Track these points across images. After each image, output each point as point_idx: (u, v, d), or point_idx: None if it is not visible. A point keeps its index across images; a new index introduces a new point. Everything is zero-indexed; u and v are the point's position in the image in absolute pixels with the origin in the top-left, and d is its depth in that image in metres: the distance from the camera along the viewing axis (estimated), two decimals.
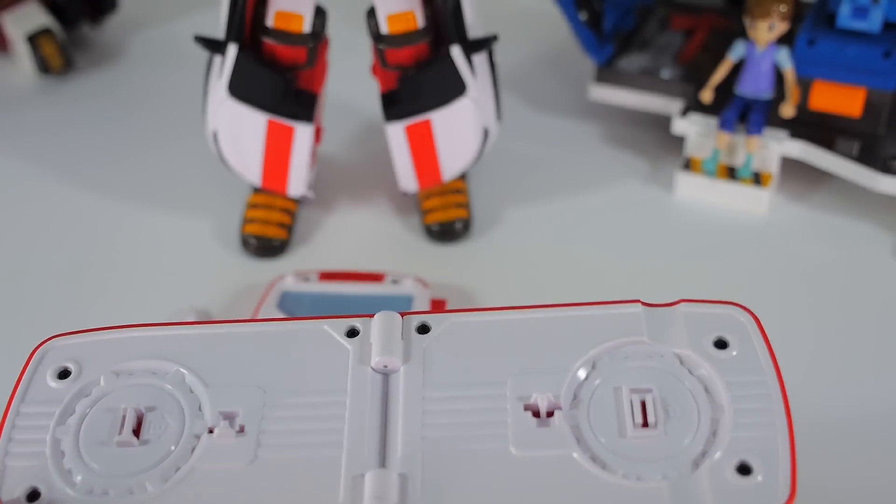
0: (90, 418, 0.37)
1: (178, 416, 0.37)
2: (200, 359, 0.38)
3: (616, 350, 0.38)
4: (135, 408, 0.37)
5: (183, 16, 0.90)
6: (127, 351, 0.39)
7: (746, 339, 0.38)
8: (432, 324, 0.39)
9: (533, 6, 0.87)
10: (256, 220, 0.62)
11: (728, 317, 0.38)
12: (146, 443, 0.36)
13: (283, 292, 0.56)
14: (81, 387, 0.38)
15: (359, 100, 0.74)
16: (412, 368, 0.37)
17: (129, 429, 0.36)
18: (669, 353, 0.37)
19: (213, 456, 0.36)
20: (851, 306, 0.57)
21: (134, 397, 0.38)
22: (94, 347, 0.39)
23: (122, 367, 0.38)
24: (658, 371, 0.37)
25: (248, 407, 0.37)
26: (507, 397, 0.36)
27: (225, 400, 0.37)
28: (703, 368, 0.37)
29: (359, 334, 0.38)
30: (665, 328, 0.38)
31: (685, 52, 0.72)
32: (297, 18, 0.56)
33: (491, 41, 0.59)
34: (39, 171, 0.70)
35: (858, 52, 0.61)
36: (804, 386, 0.52)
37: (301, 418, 0.36)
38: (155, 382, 0.38)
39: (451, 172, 0.62)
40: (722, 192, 0.64)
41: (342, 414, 0.36)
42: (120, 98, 0.79)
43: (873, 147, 0.62)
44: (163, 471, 0.36)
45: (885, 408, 0.51)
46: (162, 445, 0.36)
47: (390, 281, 0.57)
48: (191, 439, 0.36)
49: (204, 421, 0.37)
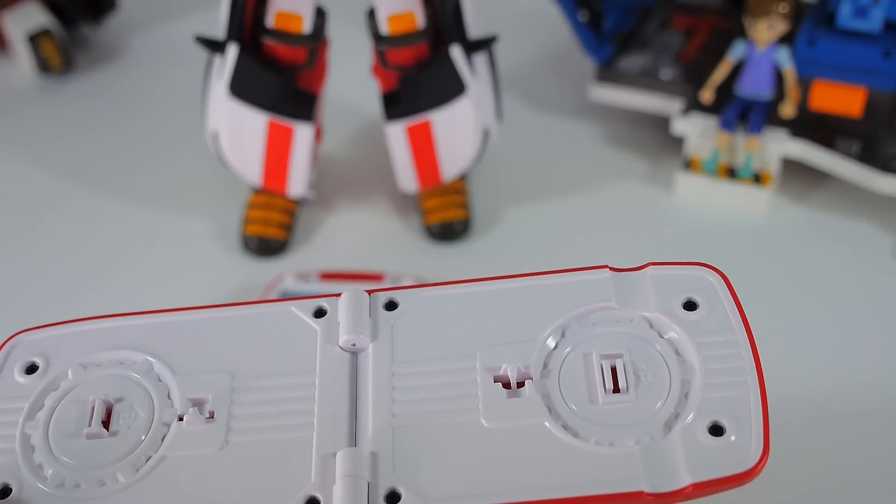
0: (59, 412, 0.37)
1: (147, 406, 0.37)
2: (168, 346, 0.38)
3: (585, 317, 0.37)
4: (103, 399, 0.37)
5: (183, 16, 0.90)
6: (94, 342, 0.39)
7: (716, 299, 0.37)
8: (400, 300, 0.38)
9: (533, 6, 0.87)
10: (257, 220, 0.62)
11: (696, 277, 0.38)
12: (116, 434, 0.36)
13: (283, 292, 0.56)
14: (49, 381, 0.38)
15: (359, 100, 0.73)
16: (380, 346, 0.37)
17: (97, 420, 0.36)
18: (638, 317, 0.37)
19: (184, 443, 0.36)
20: (851, 306, 0.57)
21: (102, 388, 0.37)
22: (61, 341, 0.39)
23: (89, 358, 0.38)
24: (628, 336, 0.37)
25: (217, 392, 0.37)
26: (476, 370, 0.36)
27: (193, 386, 0.37)
28: (673, 330, 0.36)
29: (326, 314, 0.38)
30: (633, 292, 0.37)
31: (685, 52, 0.72)
32: (297, 19, 0.56)
33: (491, 41, 0.59)
34: (39, 171, 0.70)
35: (859, 52, 0.61)
36: (804, 385, 0.52)
37: (270, 401, 0.36)
38: (122, 373, 0.38)
39: (452, 173, 0.62)
40: (722, 192, 0.64)
41: (312, 395, 0.36)
42: (120, 98, 0.79)
43: (873, 147, 0.62)
44: (133, 460, 0.35)
45: (886, 407, 0.51)
46: (132, 435, 0.36)
47: (390, 281, 0.57)
48: (160, 428, 0.36)
49: (173, 409, 0.36)
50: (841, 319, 0.56)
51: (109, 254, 0.63)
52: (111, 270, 0.61)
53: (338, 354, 0.37)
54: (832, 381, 0.52)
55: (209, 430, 0.36)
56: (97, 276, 0.61)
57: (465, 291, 0.38)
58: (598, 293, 0.37)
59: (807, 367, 0.53)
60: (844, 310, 0.57)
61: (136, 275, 0.61)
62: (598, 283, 0.38)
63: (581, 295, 0.38)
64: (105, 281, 0.61)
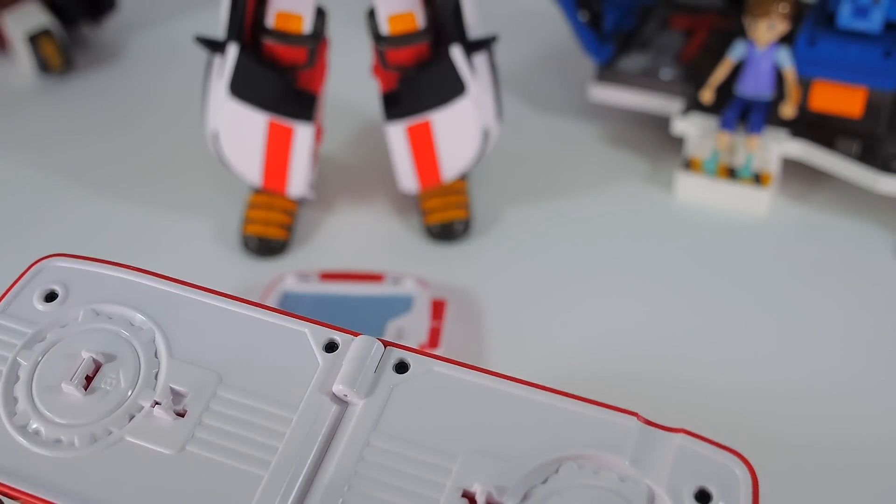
0: (53, 353, 0.37)
1: (132, 379, 0.36)
2: (177, 322, 0.37)
3: (589, 461, 0.33)
4: (94, 356, 0.36)
5: (182, 16, 0.90)
6: (114, 291, 0.38)
7: (734, 498, 0.32)
8: (412, 364, 0.36)
9: (533, 6, 0.87)
10: (257, 220, 0.62)
11: (723, 466, 0.32)
12: (92, 393, 0.36)
13: (283, 292, 0.56)
14: (59, 315, 0.38)
15: (359, 100, 0.73)
16: (371, 406, 0.35)
17: (80, 377, 0.36)
18: (643, 485, 0.32)
19: (146, 433, 0.35)
20: (851, 306, 0.57)
21: (100, 342, 0.37)
22: (85, 278, 0.39)
23: (103, 307, 0.38)
24: (622, 499, 0.32)
25: (198, 391, 0.36)
26: (451, 474, 0.33)
27: (180, 376, 0.36)
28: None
29: (337, 349, 0.36)
30: (651, 453, 0.33)
31: (685, 52, 0.72)
32: (297, 19, 0.56)
33: (491, 41, 0.59)
34: (39, 171, 0.70)
35: (859, 52, 0.61)
36: (804, 385, 0.52)
37: (242, 422, 0.35)
38: (125, 334, 0.37)
39: (452, 173, 0.62)
40: (722, 193, 0.64)
41: (283, 433, 0.35)
42: (119, 98, 0.79)
43: (873, 147, 0.62)
44: (95, 430, 0.35)
45: (887, 407, 0.51)
46: (105, 403, 0.36)
47: (391, 281, 0.57)
48: (134, 405, 0.36)
49: (153, 392, 0.36)
50: (841, 319, 0.56)
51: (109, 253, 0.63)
52: None
53: (325, 405, 0.35)
54: (832, 382, 0.52)
55: (173, 430, 0.35)
56: None
57: (480, 382, 0.35)
58: (615, 442, 0.33)
59: (806, 367, 0.53)
60: (844, 310, 0.57)
61: None
62: (619, 430, 0.33)
63: (597, 436, 0.33)
64: None
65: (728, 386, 0.51)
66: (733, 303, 0.57)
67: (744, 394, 0.51)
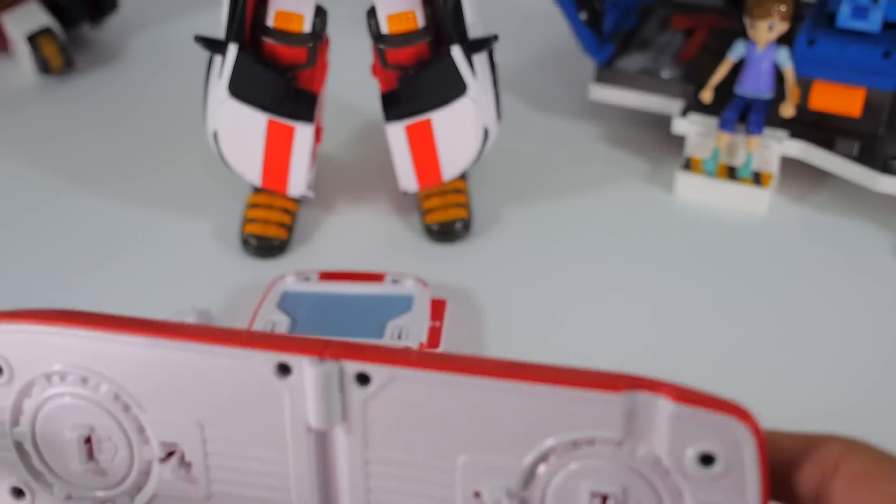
0: (41, 428, 0.36)
1: (124, 441, 0.36)
2: (133, 378, 0.35)
3: (583, 442, 0.32)
4: (80, 432, 0.36)
5: (183, 16, 0.90)
6: (57, 355, 0.36)
7: (737, 457, 0.31)
8: (373, 375, 0.33)
9: (533, 6, 0.87)
10: (256, 219, 0.62)
11: (724, 425, 0.31)
12: (100, 463, 0.36)
13: (283, 292, 0.56)
14: (21, 387, 0.36)
15: (359, 100, 0.74)
16: (352, 428, 0.34)
17: (82, 456, 0.36)
18: (643, 454, 0.31)
19: (171, 487, 0.36)
20: (851, 306, 0.57)
21: (74, 416, 0.36)
22: (23, 345, 0.36)
23: (54, 369, 0.36)
24: (625, 472, 0.32)
25: (190, 443, 0.35)
26: (456, 476, 0.33)
27: (165, 431, 0.35)
28: (675, 479, 0.31)
29: (291, 372, 0.33)
30: (646, 423, 0.31)
31: (685, 52, 0.72)
32: (298, 18, 0.56)
33: (491, 41, 0.59)
34: (39, 171, 0.70)
35: (858, 52, 0.61)
36: (805, 386, 0.52)
37: (244, 470, 0.35)
38: (90, 396, 0.36)
39: (452, 172, 0.62)
40: (722, 192, 0.64)
41: (285, 472, 0.35)
42: (120, 98, 0.79)
43: (873, 147, 0.62)
44: (129, 489, 0.36)
45: (887, 408, 0.51)
46: (117, 468, 0.36)
47: (390, 281, 0.57)
48: (143, 463, 0.36)
49: (150, 448, 0.36)
50: (841, 319, 0.56)
51: (109, 253, 0.63)
52: (111, 270, 0.61)
53: (310, 441, 0.34)
54: (832, 382, 0.52)
55: (191, 479, 0.35)
56: (97, 276, 0.61)
57: (446, 381, 0.32)
58: (606, 419, 0.31)
59: (806, 368, 0.53)
60: (844, 310, 0.57)
61: (136, 274, 0.61)
62: (607, 406, 0.31)
63: (585, 416, 0.32)
64: (105, 280, 0.61)
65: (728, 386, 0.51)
66: (733, 302, 0.57)
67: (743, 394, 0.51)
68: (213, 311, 0.57)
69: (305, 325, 0.54)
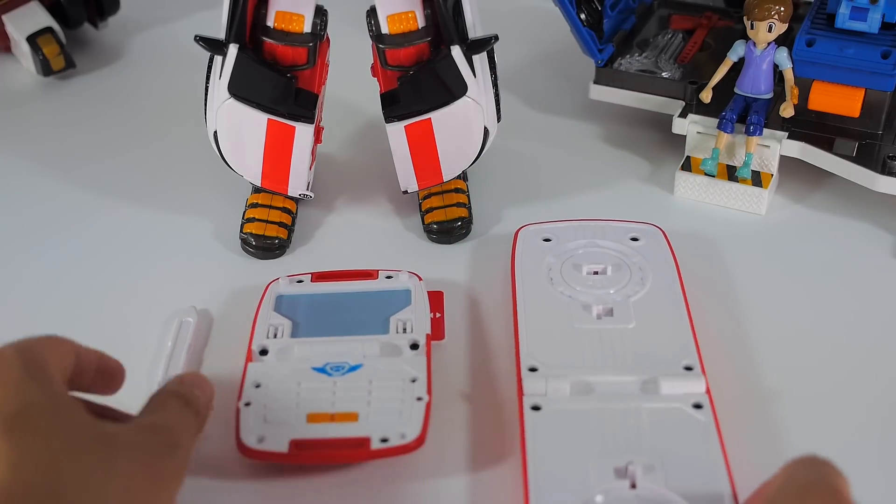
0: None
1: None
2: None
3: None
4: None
5: (183, 16, 0.90)
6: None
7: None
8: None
9: (533, 6, 0.87)
10: (256, 219, 0.62)
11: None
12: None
13: (277, 296, 0.56)
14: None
15: (359, 100, 0.74)
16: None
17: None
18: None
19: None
20: (851, 306, 0.57)
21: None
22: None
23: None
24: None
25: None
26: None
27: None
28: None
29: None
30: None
31: (685, 52, 0.72)
32: (298, 18, 0.56)
33: (491, 41, 0.59)
34: (40, 171, 0.70)
35: (857, 53, 0.61)
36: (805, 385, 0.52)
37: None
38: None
39: (452, 172, 0.62)
40: (722, 192, 0.64)
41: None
42: (120, 98, 0.79)
43: (872, 147, 0.62)
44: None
45: (886, 407, 0.51)
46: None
47: (384, 277, 0.57)
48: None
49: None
50: (841, 319, 0.56)
51: (109, 253, 0.63)
52: (111, 269, 0.61)
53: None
54: (832, 381, 0.52)
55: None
56: (97, 276, 0.61)
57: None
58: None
59: (806, 367, 0.53)
60: (844, 310, 0.57)
61: (136, 274, 0.61)
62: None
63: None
64: (105, 280, 0.61)
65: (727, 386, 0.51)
66: (732, 302, 0.57)
67: (743, 393, 0.51)
68: (212, 311, 0.57)
69: (308, 326, 0.54)
